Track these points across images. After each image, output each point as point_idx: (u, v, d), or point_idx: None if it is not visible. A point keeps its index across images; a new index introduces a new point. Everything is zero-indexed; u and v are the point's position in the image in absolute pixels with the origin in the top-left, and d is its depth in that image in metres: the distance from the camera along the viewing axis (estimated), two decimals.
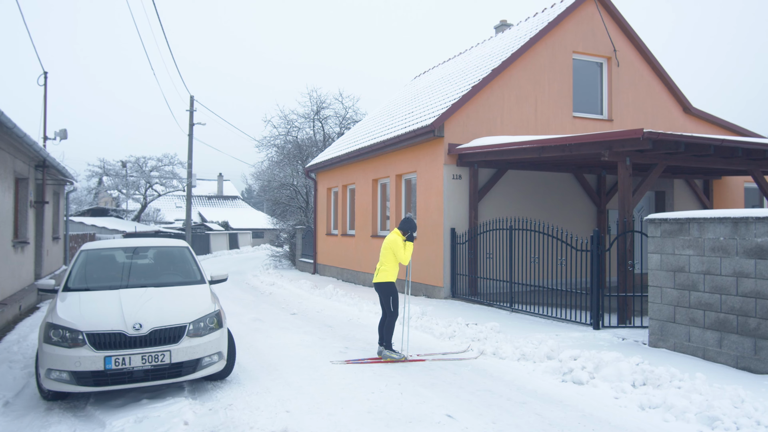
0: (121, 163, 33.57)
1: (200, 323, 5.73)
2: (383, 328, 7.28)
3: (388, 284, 7.25)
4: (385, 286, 7.26)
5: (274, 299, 13.59)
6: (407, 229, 7.39)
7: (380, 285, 7.29)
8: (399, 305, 7.33)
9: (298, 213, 25.92)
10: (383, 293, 7.28)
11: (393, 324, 7.20)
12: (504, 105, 13.31)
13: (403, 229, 7.40)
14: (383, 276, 7.26)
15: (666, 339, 7.41)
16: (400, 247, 7.22)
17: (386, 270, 7.26)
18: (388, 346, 7.16)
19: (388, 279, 7.24)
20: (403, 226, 7.41)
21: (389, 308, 7.22)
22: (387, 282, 7.24)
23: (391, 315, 7.21)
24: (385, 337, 7.18)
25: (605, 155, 8.77)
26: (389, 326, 7.17)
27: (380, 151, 14.95)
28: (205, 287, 6.51)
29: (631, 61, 14.91)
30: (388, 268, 7.26)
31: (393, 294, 7.26)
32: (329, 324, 9.88)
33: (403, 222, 7.43)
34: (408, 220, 7.42)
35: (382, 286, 7.28)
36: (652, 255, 7.59)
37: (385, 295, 7.26)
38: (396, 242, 7.26)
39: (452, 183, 12.52)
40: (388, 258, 7.30)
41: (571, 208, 14.01)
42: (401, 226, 7.43)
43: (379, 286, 7.31)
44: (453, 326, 8.66)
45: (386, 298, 7.25)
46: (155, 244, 7.34)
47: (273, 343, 8.28)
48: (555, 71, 13.93)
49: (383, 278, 7.26)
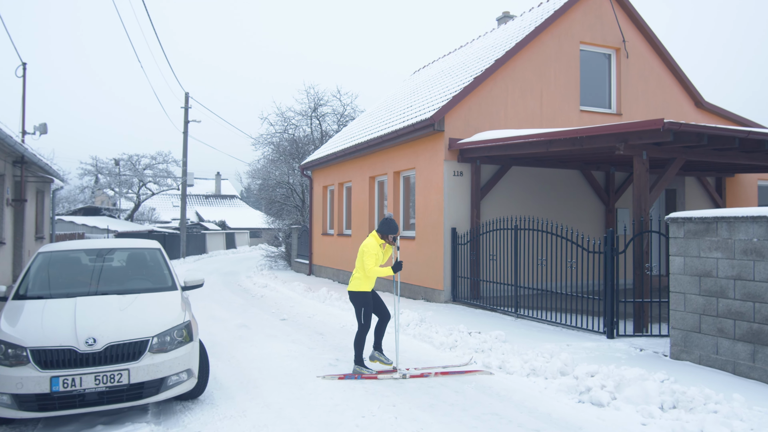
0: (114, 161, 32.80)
1: (166, 337, 5.01)
2: (379, 332, 6.60)
3: (357, 294, 6.47)
4: (354, 295, 6.49)
5: (264, 303, 12.87)
6: (386, 232, 6.52)
7: (352, 294, 6.53)
8: (370, 317, 6.54)
9: (294, 212, 25.21)
10: (355, 303, 6.54)
11: (362, 337, 6.49)
12: (508, 98, 12.59)
13: (381, 232, 6.55)
14: (354, 284, 6.49)
15: (690, 351, 6.69)
16: (369, 254, 6.37)
17: (358, 278, 6.49)
18: (357, 360, 6.47)
19: (358, 288, 6.46)
20: (382, 228, 6.54)
21: (359, 319, 6.48)
22: (356, 291, 6.48)
23: (360, 327, 6.50)
24: (355, 350, 6.50)
25: (620, 149, 8.05)
26: (358, 339, 6.49)
27: (377, 147, 14.23)
28: (176, 294, 5.79)
29: (640, 52, 14.18)
30: (359, 276, 6.48)
31: (364, 304, 6.46)
32: (320, 331, 9.16)
33: (382, 223, 6.57)
34: (387, 221, 6.55)
35: (352, 295, 6.53)
36: (675, 258, 6.87)
37: (357, 304, 6.50)
38: (368, 247, 6.43)
39: (453, 180, 11.80)
40: (359, 265, 6.52)
41: (578, 206, 13.29)
42: (379, 228, 6.57)
43: (351, 295, 6.55)
44: (454, 335, 7.94)
45: (357, 308, 6.49)
46: (122, 246, 6.62)
47: (257, 353, 7.56)
48: (561, 63, 13.20)
49: (353, 287, 6.49)
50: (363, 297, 6.46)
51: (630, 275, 9.44)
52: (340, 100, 29.47)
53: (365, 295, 6.48)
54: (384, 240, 6.56)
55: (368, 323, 6.47)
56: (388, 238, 6.56)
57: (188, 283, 6.21)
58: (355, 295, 6.48)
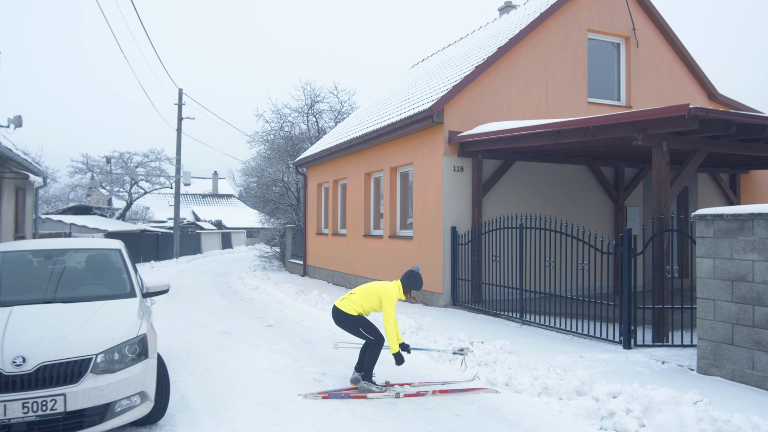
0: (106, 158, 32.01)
1: (114, 354, 4.24)
2: (365, 353, 5.80)
3: (349, 316, 5.70)
4: (347, 317, 5.71)
5: (252, 306, 12.09)
6: (411, 287, 5.81)
7: (341, 314, 5.74)
8: (376, 329, 5.75)
9: (289, 211, 24.42)
10: (347, 325, 5.73)
11: (378, 352, 5.69)
12: (511, 88, 11.81)
13: (406, 286, 5.80)
14: (349, 306, 5.71)
15: (721, 365, 5.92)
16: (392, 305, 5.60)
17: (358, 303, 5.70)
18: (366, 377, 5.67)
19: (353, 312, 5.69)
20: (407, 282, 5.79)
21: (369, 338, 5.67)
22: (349, 314, 5.69)
23: (374, 343, 5.68)
24: (365, 366, 5.68)
25: (638, 139, 7.27)
26: (372, 354, 5.66)
27: (373, 141, 13.46)
28: (133, 303, 5.01)
29: (651, 41, 13.42)
30: (361, 306, 5.69)
31: (360, 323, 5.67)
32: (308, 339, 8.38)
33: (409, 277, 5.82)
34: (415, 275, 5.82)
35: (342, 316, 5.73)
36: (703, 260, 6.10)
37: (350, 326, 5.71)
38: (390, 295, 5.64)
39: (453, 176, 11.02)
40: (370, 301, 5.71)
41: (585, 204, 12.52)
42: (405, 281, 5.80)
43: (340, 315, 5.75)
44: (454, 344, 7.17)
45: (354, 329, 5.70)
46: (77, 246, 5.84)
47: (235, 366, 6.79)
48: (568, 51, 12.43)
49: (348, 308, 5.71)
50: (355, 318, 5.71)
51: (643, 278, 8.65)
52: (337, 96, 28.68)
53: (359, 317, 5.72)
54: (405, 295, 5.85)
55: (379, 336, 5.68)
56: (409, 293, 5.87)
57: (150, 289, 5.43)
58: (345, 317, 5.71)
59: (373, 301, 5.69)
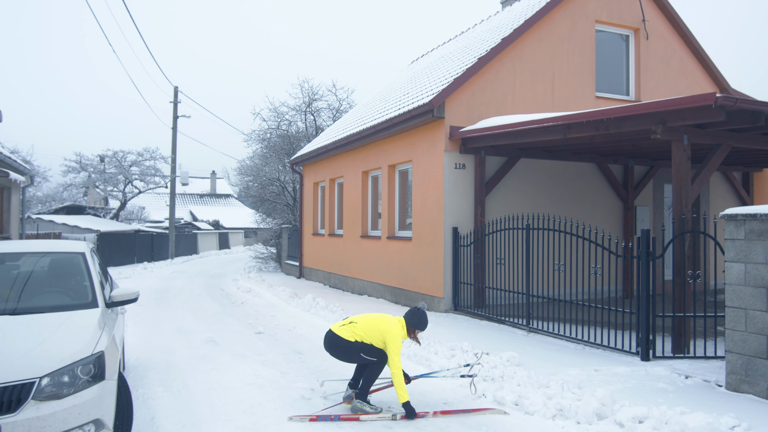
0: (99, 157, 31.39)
1: (64, 376, 3.64)
2: (362, 369, 5.20)
3: (349, 343, 5.08)
4: (345, 345, 5.10)
5: (243, 311, 11.49)
6: (416, 327, 5.24)
7: (339, 342, 5.12)
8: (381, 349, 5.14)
9: (285, 211, 23.82)
10: (344, 352, 5.14)
11: (380, 371, 5.09)
12: (516, 81, 11.22)
13: (411, 325, 5.24)
14: (350, 334, 5.09)
15: (754, 381, 5.32)
16: (397, 344, 4.99)
17: (361, 337, 5.06)
18: (361, 395, 5.06)
19: (350, 338, 5.08)
20: (412, 322, 5.23)
21: (371, 360, 5.04)
22: (348, 341, 5.08)
23: (377, 363, 5.06)
24: (362, 384, 5.07)
25: (657, 132, 6.68)
26: (373, 372, 5.05)
27: (371, 138, 12.86)
28: (93, 314, 4.41)
29: (661, 34, 12.82)
30: (362, 338, 5.07)
31: (361, 348, 5.06)
32: (299, 349, 7.79)
33: (413, 315, 5.25)
34: (420, 313, 5.25)
35: (341, 344, 5.11)
36: (733, 265, 5.51)
37: (349, 355, 5.11)
38: (394, 334, 5.01)
39: (454, 174, 10.43)
40: (372, 336, 5.07)
41: (593, 204, 11.92)
42: (410, 320, 5.24)
43: (337, 342, 5.13)
44: (457, 356, 6.57)
45: (353, 357, 5.11)
46: (36, 249, 5.23)
47: (216, 380, 6.19)
48: (575, 43, 11.84)
49: (348, 336, 5.09)
50: (353, 344, 5.08)
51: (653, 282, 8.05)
52: (335, 94, 28.08)
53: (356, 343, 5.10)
54: (408, 335, 5.26)
55: (383, 354, 5.06)
56: (413, 333, 5.28)
57: (116, 298, 4.82)
58: (347, 345, 5.09)
59: (375, 337, 5.07)
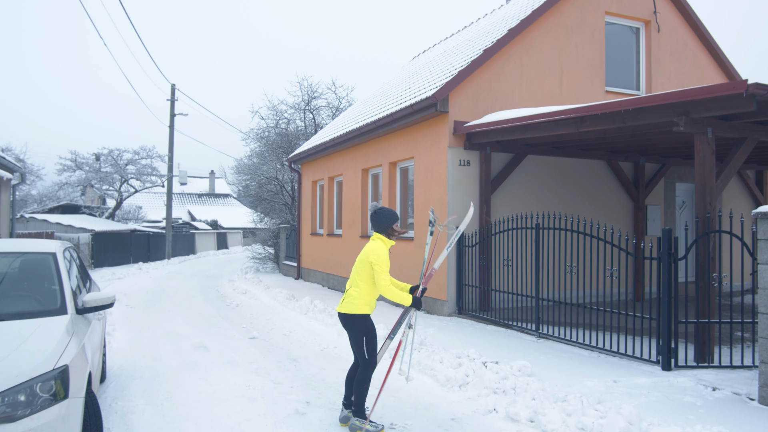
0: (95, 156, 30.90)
1: (19, 394, 3.17)
2: (352, 382, 4.71)
3: (357, 318, 4.53)
4: (353, 319, 4.54)
5: (238, 314, 11.01)
6: (386, 226, 4.62)
7: (346, 318, 4.59)
8: (378, 349, 4.67)
9: (283, 210, 23.34)
10: (352, 330, 4.59)
11: (368, 378, 4.57)
12: (523, 74, 10.75)
13: (381, 230, 4.63)
14: (349, 304, 4.56)
15: None
16: (382, 264, 4.47)
17: (356, 296, 4.56)
18: (357, 412, 4.56)
19: (355, 310, 4.53)
20: (378, 225, 4.63)
21: (362, 354, 4.55)
22: (353, 314, 4.55)
23: (364, 365, 4.55)
24: (354, 397, 4.58)
25: (680, 124, 6.20)
26: (361, 381, 4.56)
27: (371, 134, 12.39)
28: (61, 322, 3.94)
29: (673, 26, 12.36)
30: (359, 293, 4.55)
31: (366, 332, 4.53)
32: (294, 356, 7.31)
33: (377, 220, 4.63)
34: (378, 213, 4.64)
35: (349, 319, 4.57)
36: (766, 267, 5.03)
37: (355, 333, 4.56)
38: (378, 253, 4.50)
39: (458, 171, 9.96)
40: (363, 276, 4.58)
41: (602, 202, 11.45)
42: (380, 226, 4.62)
43: (345, 318, 4.61)
44: (464, 365, 6.10)
45: (357, 337, 4.55)
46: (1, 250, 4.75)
47: (204, 391, 5.72)
48: (584, 36, 11.37)
49: (348, 307, 4.55)
50: (363, 322, 4.55)
51: None
52: (335, 92, 27.59)
53: (366, 320, 4.57)
54: (391, 238, 4.66)
55: (375, 358, 4.56)
56: (394, 233, 4.67)
57: (89, 304, 4.34)
58: (352, 320, 4.54)
59: (367, 270, 4.54)
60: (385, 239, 4.64)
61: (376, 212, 4.67)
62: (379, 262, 4.47)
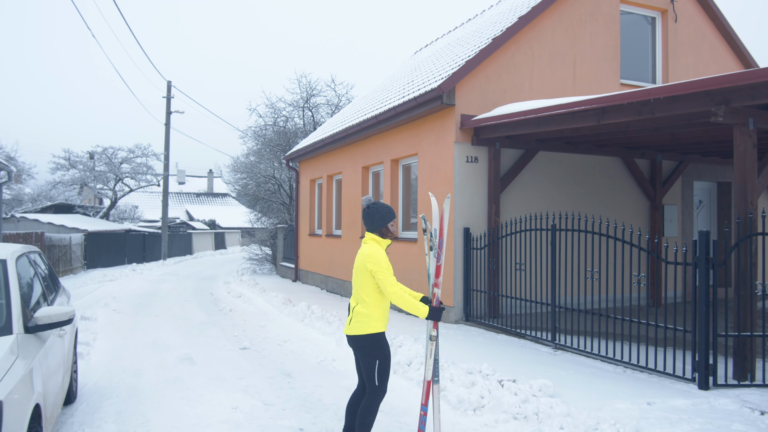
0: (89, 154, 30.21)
1: None
2: (355, 411, 4.05)
3: (369, 339, 3.83)
4: (365, 341, 3.84)
5: (230, 320, 10.36)
6: (380, 225, 3.96)
7: (356, 340, 3.87)
8: (388, 375, 3.99)
9: (281, 210, 22.69)
10: (362, 353, 3.90)
11: (375, 408, 3.90)
12: (534, 65, 10.09)
13: (375, 230, 3.97)
14: (360, 324, 3.83)
15: None
16: (385, 269, 3.80)
17: (365, 313, 3.86)
18: None
19: (369, 329, 3.82)
20: (373, 224, 3.96)
21: (372, 380, 3.87)
22: (368, 335, 3.84)
23: (373, 392, 3.89)
24: (358, 429, 3.91)
25: (718, 114, 5.55)
26: (367, 411, 3.88)
27: (371, 130, 11.74)
28: (2, 344, 3.28)
29: (690, 16, 11.71)
30: (368, 308, 3.86)
31: (380, 355, 3.84)
32: (288, 370, 6.65)
33: (370, 218, 3.97)
34: (372, 210, 3.98)
35: (359, 341, 3.86)
36: None
37: (367, 356, 3.87)
38: (378, 258, 3.83)
39: (466, 168, 9.31)
40: (366, 288, 3.89)
41: (617, 201, 10.80)
42: (369, 221, 3.97)
43: (355, 341, 3.89)
44: (478, 384, 5.44)
45: (369, 362, 3.86)
46: None
47: (185, 414, 5.06)
48: (598, 25, 10.72)
49: (360, 328, 3.83)
50: (377, 342, 3.85)
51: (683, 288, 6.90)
52: (334, 90, 26.92)
53: (380, 340, 3.87)
54: (386, 237, 3.99)
55: (385, 386, 3.89)
56: (389, 230, 4.01)
57: (42, 320, 3.69)
58: (363, 341, 3.84)
59: (368, 280, 3.86)
60: (380, 239, 3.98)
61: (369, 208, 3.99)
62: (379, 268, 3.79)
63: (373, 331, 3.84)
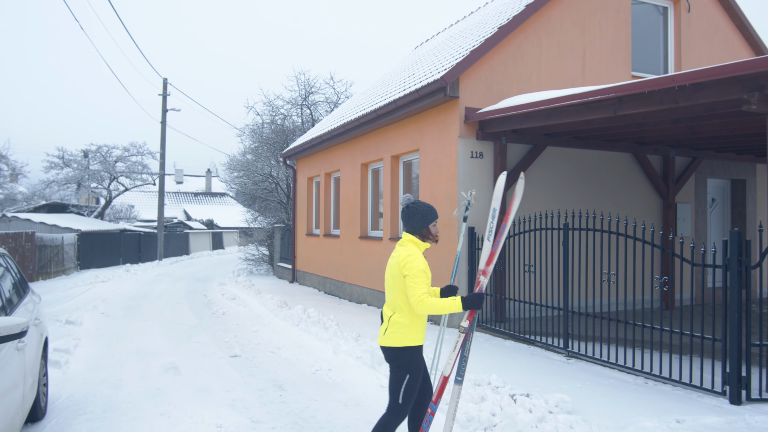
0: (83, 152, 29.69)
1: None
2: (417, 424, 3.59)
3: (405, 351, 3.42)
4: (400, 353, 3.42)
5: (222, 324, 9.85)
6: (422, 226, 3.56)
7: (391, 351, 3.46)
8: (414, 396, 3.48)
9: (278, 209, 22.20)
10: (395, 365, 3.45)
11: (391, 429, 3.42)
12: (542, 56, 9.60)
13: (415, 228, 3.56)
14: (397, 334, 3.42)
15: None
16: (418, 276, 3.35)
17: (405, 322, 3.43)
18: None
19: (407, 341, 3.42)
20: (414, 225, 3.56)
21: (396, 396, 3.39)
22: (399, 348, 3.41)
23: (393, 410, 3.41)
24: None
25: (751, 102, 5.05)
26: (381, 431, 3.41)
27: (371, 125, 11.24)
28: None
29: (704, 6, 11.22)
30: (403, 319, 3.43)
31: (411, 369, 3.41)
32: (281, 381, 6.14)
33: (410, 216, 3.56)
34: (412, 210, 3.56)
35: (394, 353, 3.44)
36: None
37: (398, 368, 3.41)
38: (412, 262, 3.39)
39: (470, 163, 8.82)
40: (404, 296, 3.45)
41: (628, 199, 10.31)
42: (409, 222, 3.57)
43: (389, 352, 3.47)
44: (488, 399, 4.94)
45: (399, 375, 3.40)
46: None
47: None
48: (609, 14, 10.22)
49: (397, 340, 3.42)
50: (413, 356, 3.44)
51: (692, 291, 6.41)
52: (333, 87, 26.41)
53: (416, 354, 3.46)
54: (425, 240, 3.61)
55: (408, 406, 3.42)
56: (430, 233, 3.61)
57: None
58: (399, 354, 3.42)
59: (399, 290, 3.45)
60: (419, 242, 3.55)
61: (409, 207, 3.57)
62: (414, 273, 3.35)
63: (412, 344, 3.43)
